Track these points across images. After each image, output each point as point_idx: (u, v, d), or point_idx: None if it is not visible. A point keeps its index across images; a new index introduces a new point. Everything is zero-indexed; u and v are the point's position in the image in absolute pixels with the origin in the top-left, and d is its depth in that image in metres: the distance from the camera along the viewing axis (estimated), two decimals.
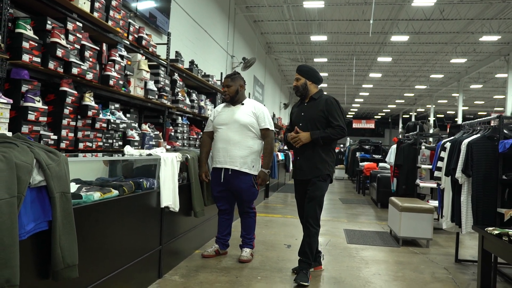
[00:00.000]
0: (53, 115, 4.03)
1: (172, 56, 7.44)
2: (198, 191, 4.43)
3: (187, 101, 7.45)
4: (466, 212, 4.03)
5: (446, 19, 16.88)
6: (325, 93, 4.24)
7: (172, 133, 6.95)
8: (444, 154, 4.46)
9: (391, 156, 7.72)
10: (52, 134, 3.91)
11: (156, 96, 6.05)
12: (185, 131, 7.47)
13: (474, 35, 19.05)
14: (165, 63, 6.63)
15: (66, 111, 4.09)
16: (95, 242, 2.69)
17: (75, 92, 4.19)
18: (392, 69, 27.62)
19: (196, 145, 7.66)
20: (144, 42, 5.80)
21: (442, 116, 48.60)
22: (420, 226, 5.32)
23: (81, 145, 4.28)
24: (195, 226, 4.67)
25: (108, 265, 2.88)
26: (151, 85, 5.87)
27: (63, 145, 4.05)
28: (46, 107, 3.80)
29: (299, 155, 4.14)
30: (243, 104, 4.49)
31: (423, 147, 6.61)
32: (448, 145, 4.43)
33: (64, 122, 4.09)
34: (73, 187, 2.68)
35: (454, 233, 5.79)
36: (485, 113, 44.49)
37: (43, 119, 3.75)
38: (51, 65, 3.84)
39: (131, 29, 5.55)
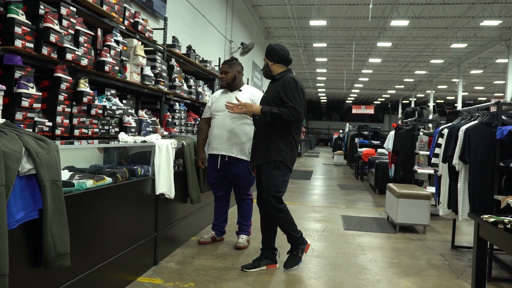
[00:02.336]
0: (47, 102, 4.00)
1: (169, 41, 7.36)
2: (194, 178, 4.43)
3: (185, 86, 7.39)
4: (463, 199, 4.02)
5: (447, 3, 16.70)
6: (293, 73, 3.97)
7: (170, 119, 6.91)
8: (441, 141, 4.44)
9: (389, 142, 7.70)
10: (47, 121, 3.89)
11: (153, 82, 6.00)
12: (182, 117, 7.42)
13: (475, 20, 18.86)
14: (162, 48, 6.56)
15: (61, 98, 4.05)
16: (88, 230, 2.68)
17: (70, 78, 4.15)
18: (391, 54, 27.42)
19: (194, 131, 7.62)
20: (140, 27, 5.72)
21: (442, 101, 48.46)
22: (417, 212, 5.33)
23: (76, 132, 4.25)
24: (192, 212, 4.67)
25: (102, 253, 2.87)
26: (148, 71, 5.81)
27: (58, 131, 4.02)
28: (40, 94, 3.76)
29: (254, 137, 3.94)
30: (240, 90, 4.46)
31: (421, 133, 6.59)
32: (445, 131, 4.40)
33: (59, 108, 4.05)
34: (66, 175, 2.66)
35: (451, 220, 5.81)
36: (485, 98, 44.38)
37: (37, 105, 3.72)
38: (45, 50, 3.79)
39: (127, 14, 5.47)
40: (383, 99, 53.52)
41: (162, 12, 8.58)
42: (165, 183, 3.67)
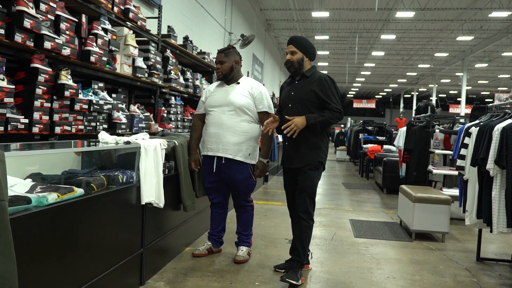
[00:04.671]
0: (23, 96, 3.57)
1: (164, 31, 6.89)
2: (188, 182, 3.92)
3: (181, 79, 6.93)
4: (498, 210, 3.48)
5: None
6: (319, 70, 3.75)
7: (165, 114, 6.47)
8: (468, 141, 3.93)
9: (400, 140, 7.21)
10: (23, 117, 3.47)
11: (146, 74, 5.56)
12: (178, 112, 6.98)
13: (482, 11, 18.34)
14: (156, 38, 6.10)
15: (39, 91, 3.62)
16: (53, 254, 2.18)
17: (49, 69, 3.73)
18: (395, 47, 26.94)
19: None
20: (131, 15, 5.27)
21: (445, 95, 47.95)
22: (436, 218, 4.82)
23: (58, 129, 3.83)
24: (185, 220, 4.17)
25: (74, 279, 2.38)
26: (140, 62, 5.38)
27: (35, 129, 3.62)
28: (13, 86, 3.36)
29: (287, 140, 3.65)
30: (238, 83, 3.92)
31: (437, 130, 6.08)
32: (474, 130, 3.89)
33: (37, 103, 3.63)
34: (25, 186, 2.16)
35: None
36: (488, 92, 43.94)
37: (9, 100, 3.31)
38: (18, 37, 3.38)
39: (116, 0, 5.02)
40: (385, 93, 53.08)
41: (157, 0, 8.06)
42: (152, 191, 3.15)
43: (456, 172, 5.77)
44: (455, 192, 5.72)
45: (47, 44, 3.62)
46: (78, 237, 2.40)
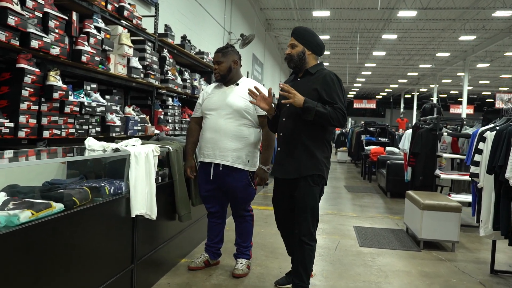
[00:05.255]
0: (9, 98, 3.36)
1: (161, 30, 6.66)
2: (183, 191, 3.67)
3: (179, 80, 6.70)
4: None
5: None
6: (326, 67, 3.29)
7: (162, 116, 6.25)
8: (483, 146, 3.70)
9: (405, 143, 6.96)
10: (7, 121, 3.26)
11: (142, 75, 5.35)
12: (176, 114, 6.75)
13: (485, 11, 18.12)
14: (153, 37, 5.87)
15: (25, 93, 3.40)
16: (26, 278, 1.95)
17: (37, 70, 3.52)
18: (396, 47, 26.73)
19: None
20: (126, 13, 5.05)
21: (445, 96, 47.74)
22: (445, 227, 4.58)
23: (46, 133, 3.61)
24: (181, 231, 3.93)
25: None
26: (135, 62, 5.16)
27: (22, 133, 3.41)
28: None
29: (281, 144, 3.23)
30: (237, 84, 3.67)
31: (445, 133, 5.83)
32: (489, 135, 3.66)
33: (23, 106, 3.40)
34: None
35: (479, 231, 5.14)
36: (489, 93, 43.73)
37: None
38: (2, 36, 3.16)
39: None
40: (385, 94, 52.88)
41: None
42: (143, 201, 2.90)
43: (465, 177, 5.57)
44: (464, 198, 5.51)
45: (34, 43, 3.41)
46: (58, 257, 2.15)
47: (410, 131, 6.89)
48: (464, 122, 6.66)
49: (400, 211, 6.83)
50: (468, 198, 5.51)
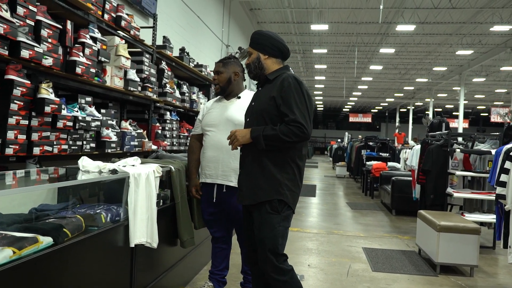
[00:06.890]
0: None
1: (159, 42, 6.43)
2: (186, 214, 3.37)
3: (177, 93, 6.46)
4: None
5: (455, 7, 15.91)
6: (290, 71, 2.81)
7: (159, 131, 6.00)
8: (510, 165, 3.46)
9: (413, 159, 6.72)
10: None
11: (139, 88, 5.11)
12: (174, 128, 6.51)
13: (481, 26, 18.12)
14: (151, 49, 5.64)
15: (14, 107, 3.16)
16: None
17: (27, 81, 3.28)
18: (392, 61, 26.76)
19: (187, 144, 6.66)
20: (123, 23, 4.82)
21: (441, 110, 47.82)
22: (463, 250, 4.29)
23: (36, 150, 3.35)
24: (184, 256, 3.63)
25: None
26: (132, 75, 4.93)
27: (9, 150, 3.15)
28: None
29: (240, 164, 2.82)
30: (239, 97, 3.39)
31: (457, 150, 5.58)
32: None
33: (12, 120, 3.15)
34: None
35: (498, 255, 4.86)
36: (484, 107, 43.85)
37: None
38: None
39: (107, 6, 4.61)
40: (381, 108, 52.93)
41: (152, 9, 7.61)
42: (143, 229, 2.62)
43: (479, 196, 5.33)
44: (479, 217, 5.26)
45: (25, 53, 3.17)
46: None
47: (418, 147, 6.65)
48: (472, 137, 6.42)
49: (408, 230, 6.56)
50: (482, 218, 5.29)
